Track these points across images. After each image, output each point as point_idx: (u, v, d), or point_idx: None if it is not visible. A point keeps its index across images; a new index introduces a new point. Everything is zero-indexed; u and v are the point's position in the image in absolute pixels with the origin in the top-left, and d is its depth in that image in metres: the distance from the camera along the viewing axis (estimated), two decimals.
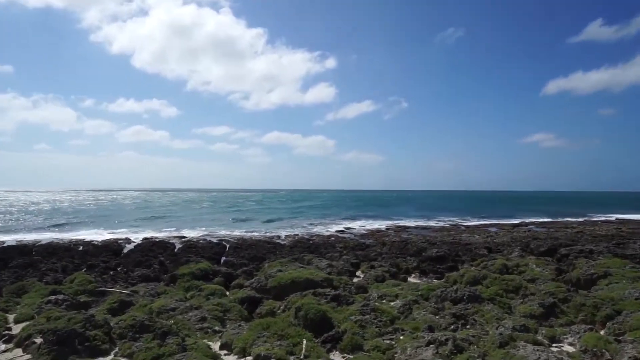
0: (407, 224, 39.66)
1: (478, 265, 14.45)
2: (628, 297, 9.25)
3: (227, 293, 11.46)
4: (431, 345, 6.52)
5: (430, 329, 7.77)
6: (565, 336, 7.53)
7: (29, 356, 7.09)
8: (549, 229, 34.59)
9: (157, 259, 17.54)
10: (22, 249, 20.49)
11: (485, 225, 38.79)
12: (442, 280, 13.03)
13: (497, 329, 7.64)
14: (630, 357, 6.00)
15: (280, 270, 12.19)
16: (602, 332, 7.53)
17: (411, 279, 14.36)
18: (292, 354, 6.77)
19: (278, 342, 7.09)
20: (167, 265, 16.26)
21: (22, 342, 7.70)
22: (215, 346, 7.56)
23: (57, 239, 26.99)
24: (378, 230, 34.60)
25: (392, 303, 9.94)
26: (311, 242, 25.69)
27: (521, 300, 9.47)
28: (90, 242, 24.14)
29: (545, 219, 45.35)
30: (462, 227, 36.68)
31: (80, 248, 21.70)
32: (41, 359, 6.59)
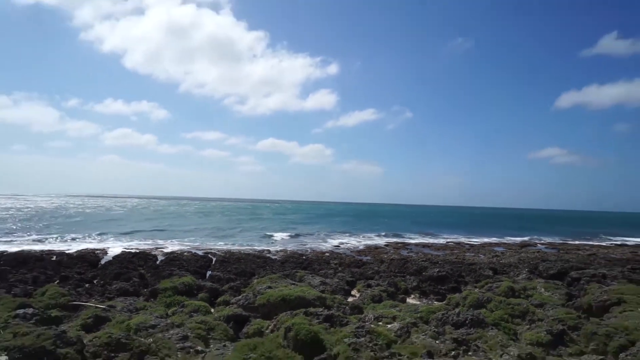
0: (407, 241, 39.68)
1: (482, 287, 14.46)
2: None
3: (212, 310, 11.38)
4: None
5: (430, 355, 7.75)
6: None
7: None
8: (560, 250, 34.71)
9: (137, 272, 17.42)
10: None
11: (491, 244, 38.86)
12: (444, 302, 13.01)
13: (501, 356, 7.65)
14: None
15: (269, 287, 12.15)
16: None
17: (410, 300, 14.35)
18: None
19: None
20: (147, 279, 16.16)
21: None
22: None
23: (28, 247, 26.76)
24: (376, 247, 34.54)
25: (389, 325, 9.91)
26: (304, 257, 25.60)
27: (528, 326, 9.47)
28: (64, 252, 23.95)
29: (556, 240, 45.51)
30: (466, 246, 36.69)
31: (54, 258, 21.50)
32: None
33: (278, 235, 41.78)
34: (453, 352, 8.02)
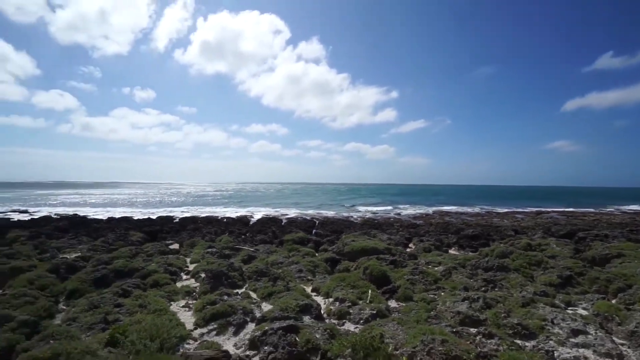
0: (448, 210, 37.23)
1: (506, 243, 13.17)
2: (639, 274, 7.82)
3: (316, 254, 11.76)
4: (466, 301, 6.14)
5: (466, 289, 7.31)
6: (580, 302, 6.60)
7: (197, 284, 7.99)
8: (569, 217, 30.18)
9: (271, 229, 18.46)
10: (193, 219, 22.95)
11: (513, 212, 34.98)
12: (476, 253, 12.10)
13: (520, 292, 6.96)
14: (638, 322, 5.10)
15: (353, 241, 12.24)
16: (613, 302, 6.48)
17: (451, 251, 13.55)
18: (360, 299, 6.81)
19: (351, 290, 7.16)
20: (277, 234, 17.04)
21: (194, 275, 8.70)
22: (308, 289, 7.86)
23: (214, 213, 29.72)
24: (426, 214, 32.92)
25: (435, 268, 9.50)
26: (376, 221, 25.29)
27: (542, 272, 8.47)
28: (230, 217, 26.21)
29: (565, 209, 39.63)
30: (494, 214, 33.45)
31: (225, 220, 23.65)
32: (204, 287, 7.39)
33: (359, 207, 41.65)
34: (483, 288, 7.47)
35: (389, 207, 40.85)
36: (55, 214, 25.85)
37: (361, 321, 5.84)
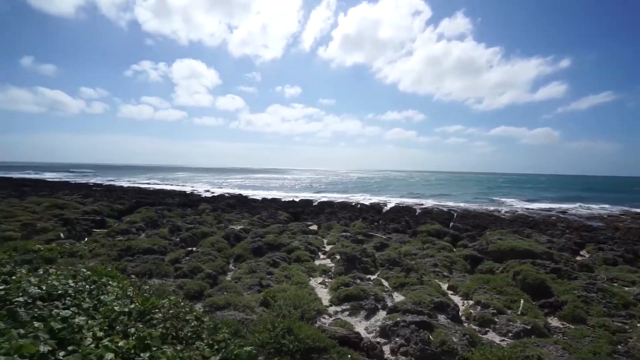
0: None
1: None
2: None
3: (454, 249, 10.80)
4: None
5: None
6: None
7: (333, 264, 8.62)
8: None
9: (404, 218, 18.03)
10: (329, 204, 24.87)
11: None
12: None
13: None
14: None
15: (500, 239, 10.60)
16: None
17: None
18: (509, 307, 5.85)
19: (497, 296, 6.25)
20: (410, 224, 16.54)
21: (330, 256, 9.41)
22: (444, 286, 7.29)
23: (346, 198, 31.44)
24: (609, 215, 25.26)
25: (626, 288, 7.21)
26: (530, 218, 21.12)
27: None
28: (363, 203, 27.01)
29: None
30: None
31: (358, 206, 24.56)
32: (338, 268, 7.90)
33: (507, 200, 35.73)
34: None
35: (549, 203, 33.29)
36: (227, 193, 32.75)
37: (509, 334, 5.01)
